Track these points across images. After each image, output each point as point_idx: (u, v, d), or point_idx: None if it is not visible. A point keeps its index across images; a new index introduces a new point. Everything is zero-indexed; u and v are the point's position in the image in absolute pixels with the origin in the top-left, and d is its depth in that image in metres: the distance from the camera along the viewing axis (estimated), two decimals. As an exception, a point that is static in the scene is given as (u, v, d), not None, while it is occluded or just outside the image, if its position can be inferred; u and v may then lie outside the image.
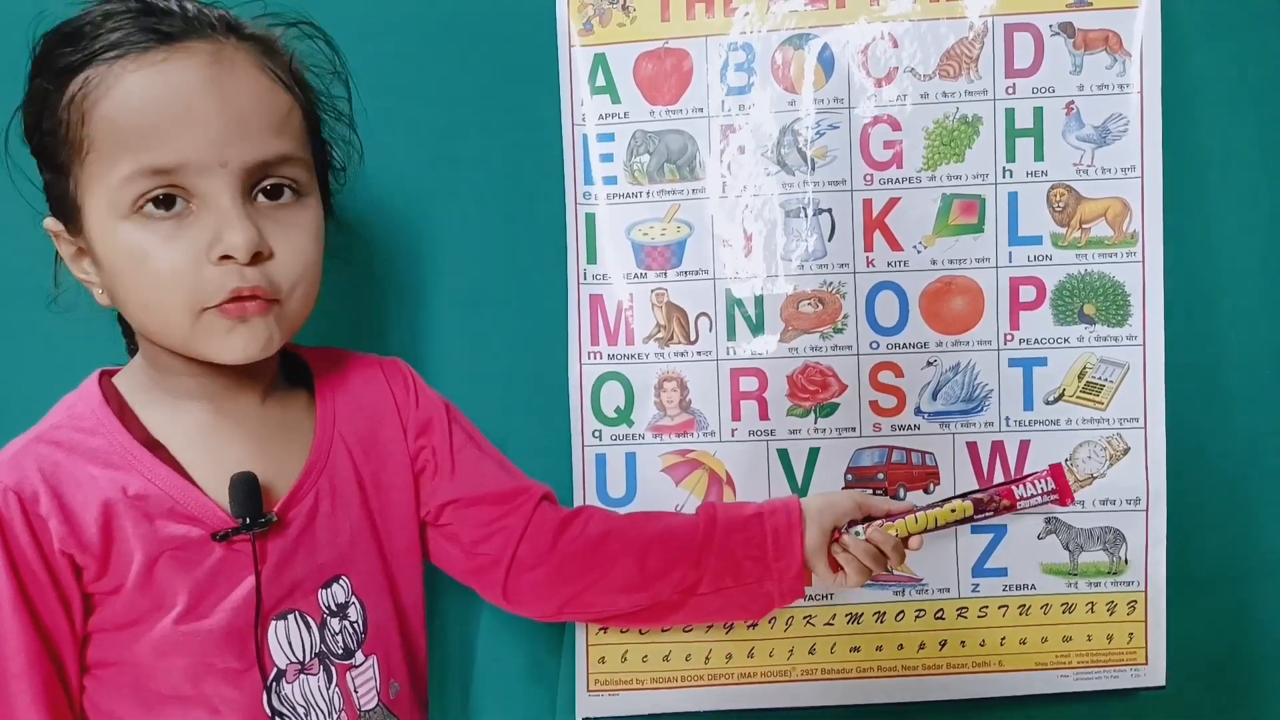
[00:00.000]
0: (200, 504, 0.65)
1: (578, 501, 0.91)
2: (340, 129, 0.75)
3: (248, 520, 0.65)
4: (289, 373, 0.76)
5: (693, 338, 0.91)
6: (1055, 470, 0.85)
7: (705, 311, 0.91)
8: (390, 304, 0.92)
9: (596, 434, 0.92)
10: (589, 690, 0.92)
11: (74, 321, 0.71)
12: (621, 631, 0.90)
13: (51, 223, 0.65)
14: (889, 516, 0.82)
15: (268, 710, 0.66)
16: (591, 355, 0.92)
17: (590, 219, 0.91)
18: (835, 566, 0.81)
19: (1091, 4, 0.88)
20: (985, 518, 0.83)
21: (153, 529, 0.63)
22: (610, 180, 0.91)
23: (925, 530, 0.82)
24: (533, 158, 0.92)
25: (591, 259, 0.91)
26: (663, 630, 0.91)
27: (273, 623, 0.67)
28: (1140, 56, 0.88)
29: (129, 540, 0.62)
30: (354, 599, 0.73)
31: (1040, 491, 0.84)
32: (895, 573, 0.90)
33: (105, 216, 0.60)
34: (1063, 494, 0.84)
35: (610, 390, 0.92)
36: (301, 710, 0.68)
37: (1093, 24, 0.88)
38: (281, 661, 0.68)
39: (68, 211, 0.63)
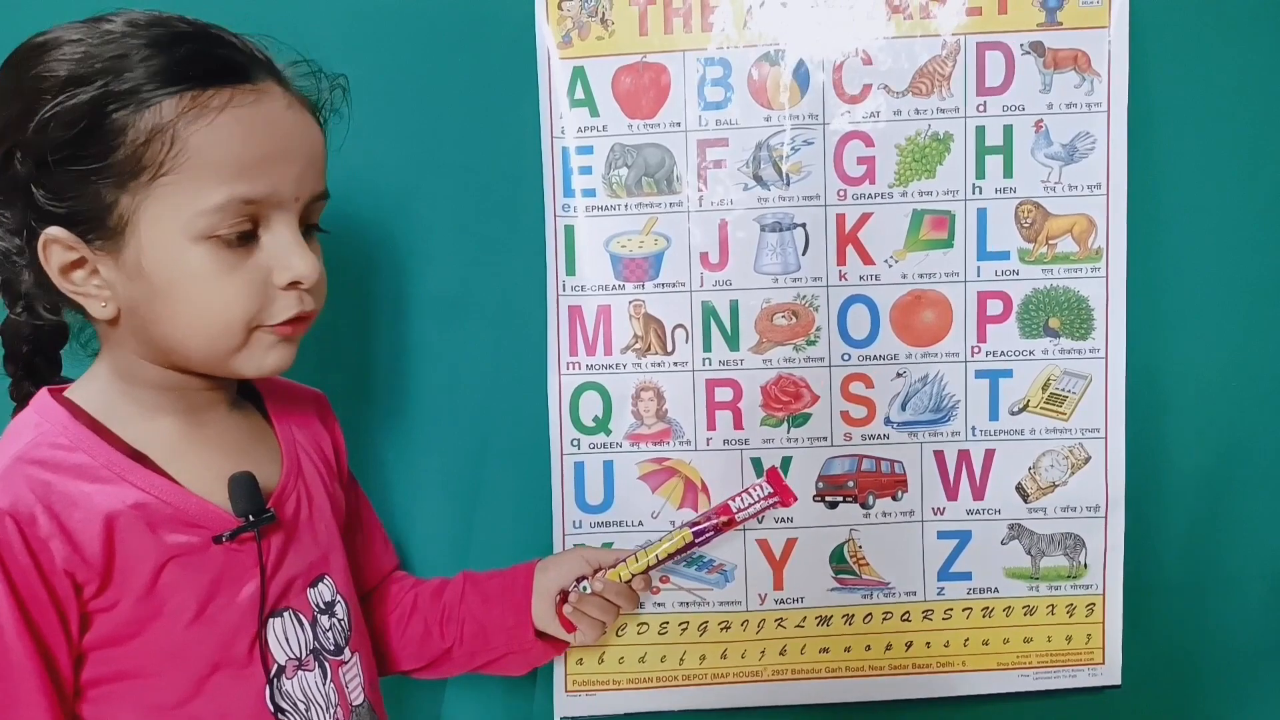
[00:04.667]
0: (200, 508, 0.66)
1: (555, 509, 0.93)
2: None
3: (251, 517, 0.67)
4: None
5: (669, 349, 0.93)
6: (772, 474, 0.87)
7: (682, 323, 0.93)
8: (371, 314, 0.94)
9: (575, 443, 0.94)
10: (567, 691, 0.95)
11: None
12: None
13: (59, 232, 0.62)
14: (617, 564, 0.85)
15: (271, 707, 0.69)
16: (570, 365, 0.93)
17: (569, 231, 0.93)
18: (569, 626, 0.86)
19: (1062, 24, 0.90)
20: (706, 538, 0.84)
21: (156, 538, 0.64)
22: (589, 193, 0.92)
23: (648, 568, 0.84)
24: (513, 170, 0.93)
25: (570, 271, 0.93)
26: (639, 633, 0.94)
27: (270, 620, 0.69)
28: (1109, 76, 0.90)
29: (133, 552, 0.63)
30: (339, 597, 0.76)
31: (758, 498, 0.85)
32: (864, 577, 0.94)
33: (174, 237, 0.61)
34: (783, 495, 0.86)
35: (588, 400, 0.94)
36: (302, 706, 0.70)
37: (1063, 44, 0.90)
38: (281, 658, 0.70)
39: (98, 225, 0.62)
